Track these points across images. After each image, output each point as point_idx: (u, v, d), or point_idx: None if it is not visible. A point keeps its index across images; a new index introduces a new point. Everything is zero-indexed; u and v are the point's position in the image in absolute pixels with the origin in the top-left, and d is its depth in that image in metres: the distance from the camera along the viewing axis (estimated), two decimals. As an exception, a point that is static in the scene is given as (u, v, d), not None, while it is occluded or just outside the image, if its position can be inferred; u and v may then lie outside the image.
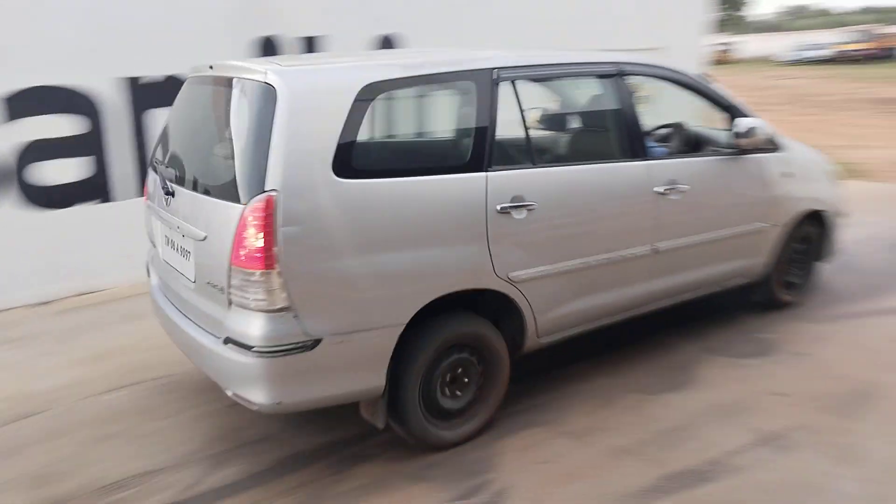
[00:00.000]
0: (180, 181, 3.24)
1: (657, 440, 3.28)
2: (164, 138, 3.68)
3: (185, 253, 3.16)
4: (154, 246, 3.69)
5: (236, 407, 3.11)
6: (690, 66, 7.65)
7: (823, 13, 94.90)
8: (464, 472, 3.05)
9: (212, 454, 3.26)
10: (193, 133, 3.55)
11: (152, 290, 3.71)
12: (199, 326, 3.10)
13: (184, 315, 3.26)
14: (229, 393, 2.93)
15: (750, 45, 51.44)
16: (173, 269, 3.33)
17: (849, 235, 5.50)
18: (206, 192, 3.04)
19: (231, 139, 3.02)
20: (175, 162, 3.44)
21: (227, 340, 2.84)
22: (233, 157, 2.90)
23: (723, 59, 45.39)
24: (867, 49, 40.41)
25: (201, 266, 3.01)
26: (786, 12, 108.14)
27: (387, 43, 6.49)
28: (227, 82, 3.16)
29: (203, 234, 2.95)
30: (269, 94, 2.76)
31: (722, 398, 3.64)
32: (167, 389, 3.89)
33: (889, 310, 4.72)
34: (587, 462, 3.14)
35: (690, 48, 8.68)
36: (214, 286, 2.90)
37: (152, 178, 3.64)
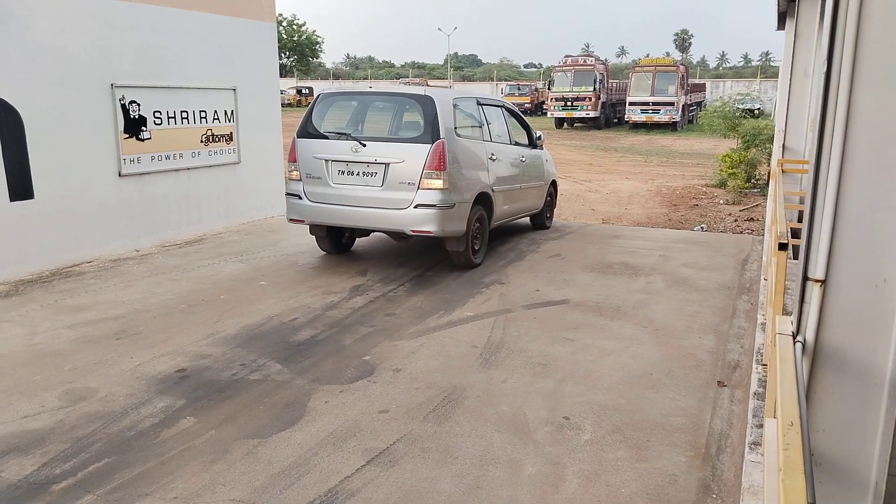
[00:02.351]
0: (370, 140, 6.66)
1: (276, 483, 3.20)
2: (317, 123, 6.98)
3: (371, 174, 6.55)
4: (317, 180, 6.76)
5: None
6: (262, 106, 9.52)
7: (387, 65, 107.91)
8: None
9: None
10: (374, 118, 7.25)
11: (302, 206, 6.85)
12: (384, 208, 6.48)
13: (363, 207, 6.55)
14: (409, 231, 6.49)
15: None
16: (352, 185, 6.63)
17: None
18: (402, 141, 6.71)
19: (417, 119, 6.75)
20: (365, 131, 6.98)
21: (418, 205, 6.36)
22: (421, 125, 6.60)
23: (303, 102, 48.16)
24: (525, 103, 46.47)
25: (393, 176, 6.46)
26: (346, 62, 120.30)
27: None
28: (399, 95, 7.39)
29: (402, 159, 6.44)
30: (430, 100, 6.58)
31: (333, 426, 3.75)
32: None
33: (459, 320, 5.48)
34: (203, 525, 2.89)
35: (259, 90, 9.33)
36: (406, 183, 6.40)
37: (320, 144, 6.83)
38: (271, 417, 3.85)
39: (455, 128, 6.66)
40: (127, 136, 7.43)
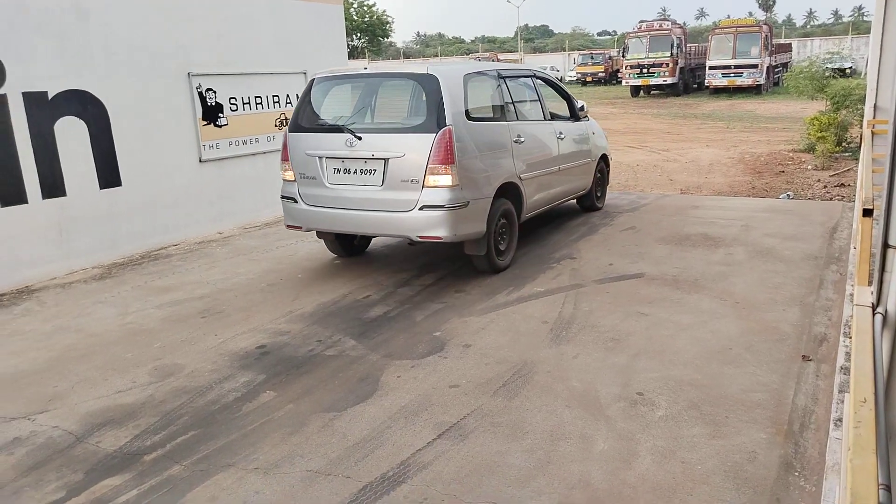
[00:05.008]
0: (366, 131, 5.66)
1: (350, 455, 3.30)
2: (310, 114, 6.04)
3: (369, 171, 5.57)
4: (312, 180, 5.85)
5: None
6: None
7: (457, 41, 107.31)
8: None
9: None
10: (372, 104, 6.11)
11: (298, 210, 6.00)
12: (385, 210, 5.53)
13: (362, 210, 5.62)
14: (415, 237, 5.52)
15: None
16: (350, 186, 5.67)
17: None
18: (402, 131, 5.68)
19: (419, 103, 5.67)
20: (359, 121, 5.91)
21: (423, 207, 5.37)
22: (423, 111, 5.51)
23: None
24: (599, 73, 46.22)
25: (394, 173, 5.46)
26: (416, 41, 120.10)
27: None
28: (393, 76, 6.34)
29: (402, 154, 5.43)
30: (434, 79, 5.48)
31: (405, 400, 3.81)
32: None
33: (529, 295, 5.45)
34: (281, 494, 3.01)
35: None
36: (409, 181, 5.41)
37: (313, 138, 5.90)
38: (346, 392, 3.95)
39: (467, 110, 5.62)
40: (205, 122, 7.71)
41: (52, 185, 6.31)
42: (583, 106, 7.81)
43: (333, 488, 3.04)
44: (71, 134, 6.42)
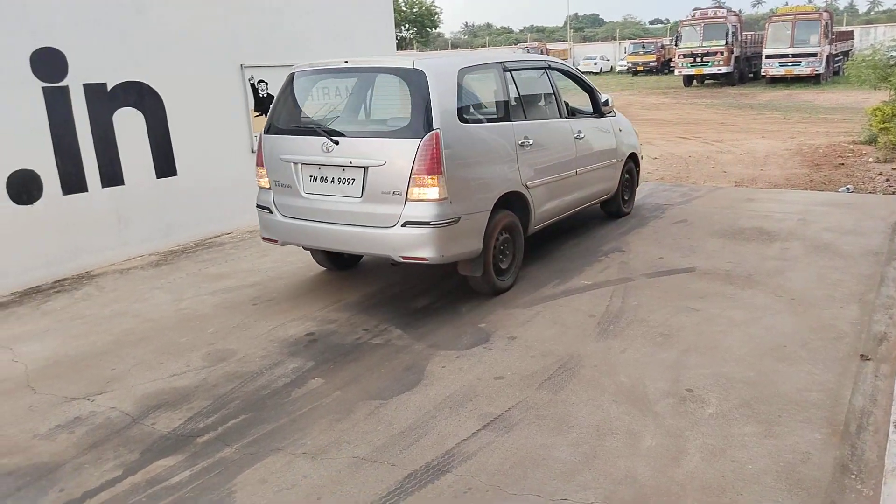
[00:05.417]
0: (344, 134, 4.93)
1: (396, 443, 3.33)
2: (286, 113, 5.40)
3: (347, 181, 4.87)
4: (287, 188, 5.18)
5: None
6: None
7: (505, 30, 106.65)
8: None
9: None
10: (354, 103, 5.60)
11: (273, 221, 5.33)
12: (364, 226, 4.82)
13: (340, 224, 4.92)
14: (397, 257, 4.77)
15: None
16: (326, 196, 4.98)
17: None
18: (382, 136, 4.96)
19: (404, 102, 4.90)
20: (338, 123, 5.26)
21: (407, 223, 4.65)
22: (408, 112, 4.77)
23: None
24: (650, 62, 45.77)
25: (374, 184, 4.74)
26: (464, 31, 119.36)
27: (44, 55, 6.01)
28: (377, 70, 5.46)
29: (383, 162, 4.70)
30: (421, 75, 4.73)
31: (450, 390, 3.83)
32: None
33: (575, 288, 5.39)
34: (328, 479, 3.07)
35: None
36: (390, 193, 4.69)
37: (288, 141, 5.22)
38: (392, 380, 3.99)
39: (460, 110, 4.90)
40: (257, 114, 7.85)
41: (111, 175, 6.51)
42: (607, 100, 6.97)
43: (379, 475, 3.08)
44: (129, 124, 6.61)
